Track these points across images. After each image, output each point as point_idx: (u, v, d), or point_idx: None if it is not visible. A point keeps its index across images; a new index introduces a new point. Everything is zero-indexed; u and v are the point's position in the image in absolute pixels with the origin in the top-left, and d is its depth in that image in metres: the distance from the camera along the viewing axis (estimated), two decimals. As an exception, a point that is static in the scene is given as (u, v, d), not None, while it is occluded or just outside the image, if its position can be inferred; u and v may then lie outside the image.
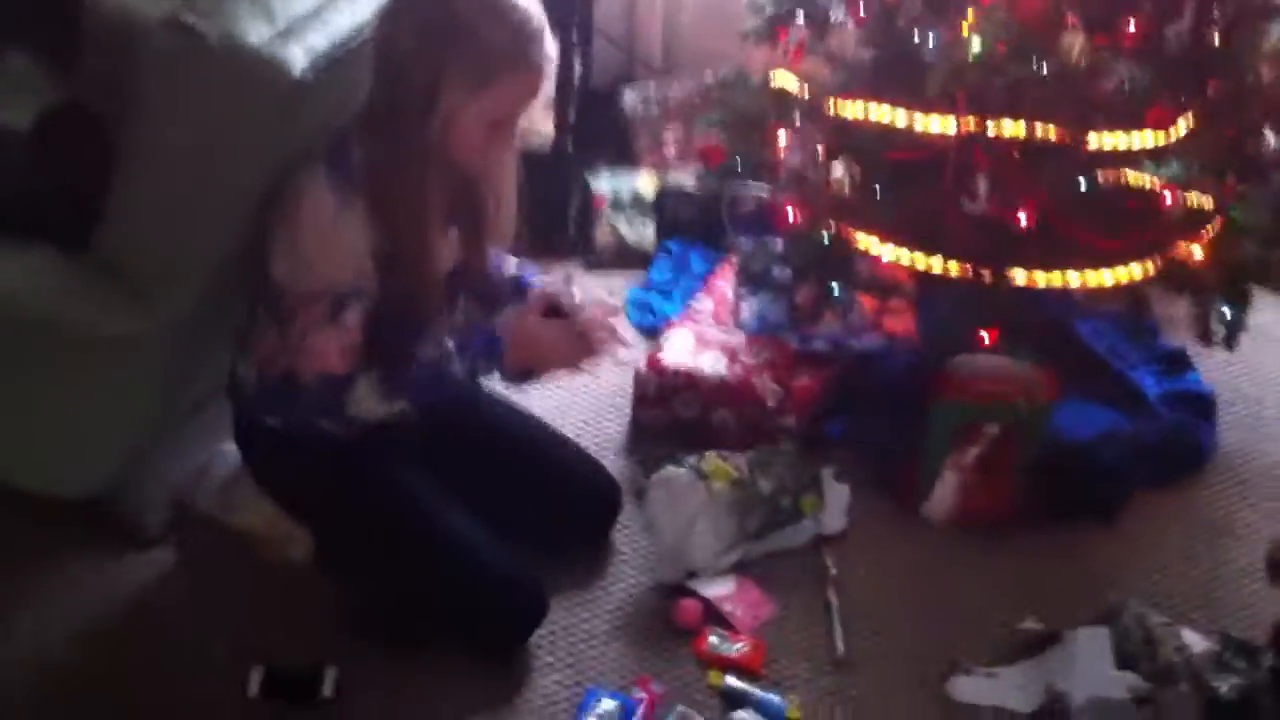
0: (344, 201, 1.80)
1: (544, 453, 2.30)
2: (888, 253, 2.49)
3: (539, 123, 3.00)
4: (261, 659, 2.01)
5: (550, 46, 1.85)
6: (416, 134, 1.80)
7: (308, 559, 2.18)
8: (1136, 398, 2.73)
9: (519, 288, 2.23)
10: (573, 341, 2.11)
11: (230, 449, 2.21)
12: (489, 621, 2.07)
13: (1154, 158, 2.57)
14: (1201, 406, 2.73)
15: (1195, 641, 2.10)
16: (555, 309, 2.17)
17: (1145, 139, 2.36)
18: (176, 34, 1.75)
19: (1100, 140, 2.34)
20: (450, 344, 2.00)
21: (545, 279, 2.24)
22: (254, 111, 1.80)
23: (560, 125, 3.03)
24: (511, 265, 2.25)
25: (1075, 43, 2.23)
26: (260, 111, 1.80)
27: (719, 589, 2.22)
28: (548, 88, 1.95)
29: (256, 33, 1.76)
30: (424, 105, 1.79)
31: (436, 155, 1.84)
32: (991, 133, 2.33)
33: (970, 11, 2.34)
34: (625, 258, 3.10)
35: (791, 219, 2.58)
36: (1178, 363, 2.84)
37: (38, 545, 2.23)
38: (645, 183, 3.19)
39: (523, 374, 2.15)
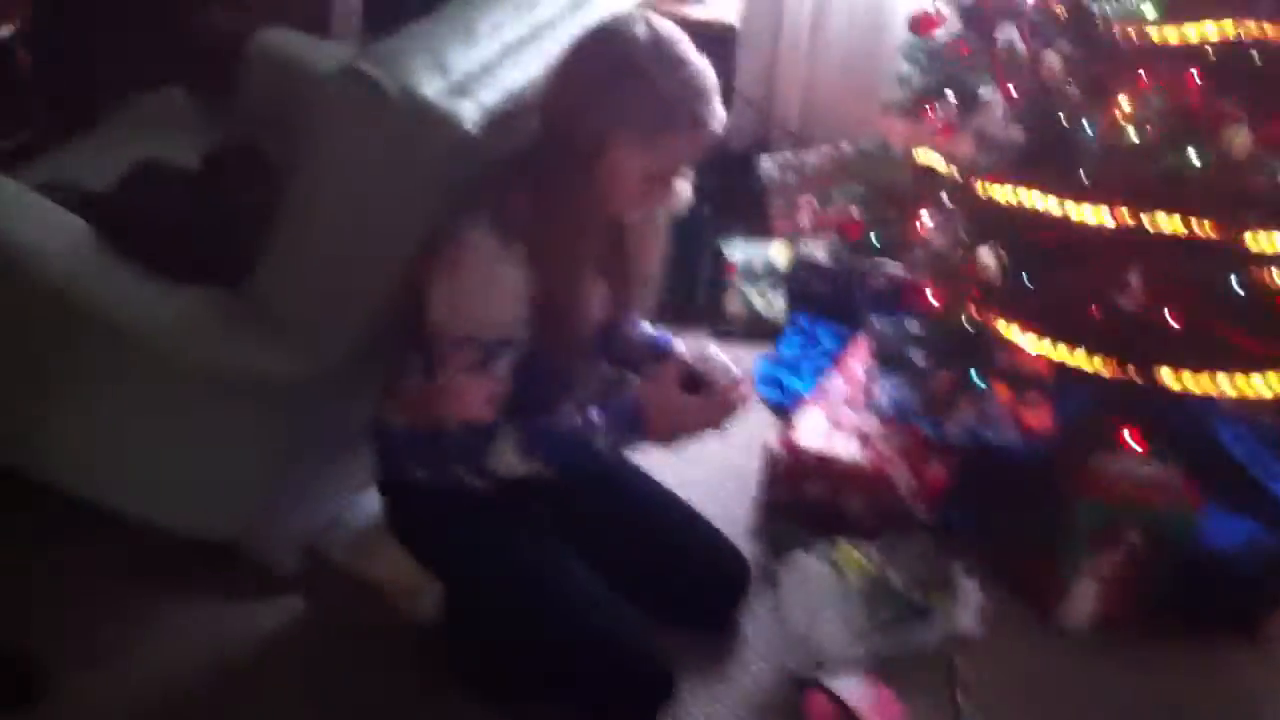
0: (505, 246, 1.80)
1: (676, 525, 2.26)
2: (1029, 343, 2.43)
3: (678, 185, 2.98)
4: (380, 713, 1.99)
5: (720, 107, 1.85)
6: (579, 181, 1.82)
7: (435, 615, 2.16)
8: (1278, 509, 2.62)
9: (658, 351, 2.21)
10: (710, 410, 2.08)
11: (366, 498, 2.21)
12: (616, 693, 2.02)
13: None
14: (1354, 522, 2.61)
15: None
16: (692, 378, 2.13)
17: (1313, 241, 2.27)
18: (355, 83, 1.77)
19: (1257, 240, 2.27)
20: (595, 416, 1.97)
21: (682, 345, 2.21)
22: (424, 163, 1.82)
23: (699, 190, 3.00)
24: (647, 328, 2.23)
25: (1237, 136, 2.17)
26: (430, 163, 1.82)
27: (849, 685, 2.14)
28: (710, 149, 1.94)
29: (431, 86, 1.78)
30: (590, 153, 1.80)
31: (595, 204, 1.86)
32: (1146, 225, 2.27)
33: (1128, 98, 2.28)
34: (755, 329, 3.07)
35: (930, 301, 2.53)
36: (1329, 475, 2.73)
37: (170, 583, 2.25)
38: (778, 253, 3.16)
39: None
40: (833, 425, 2.54)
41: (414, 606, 2.17)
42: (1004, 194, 2.41)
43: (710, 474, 2.63)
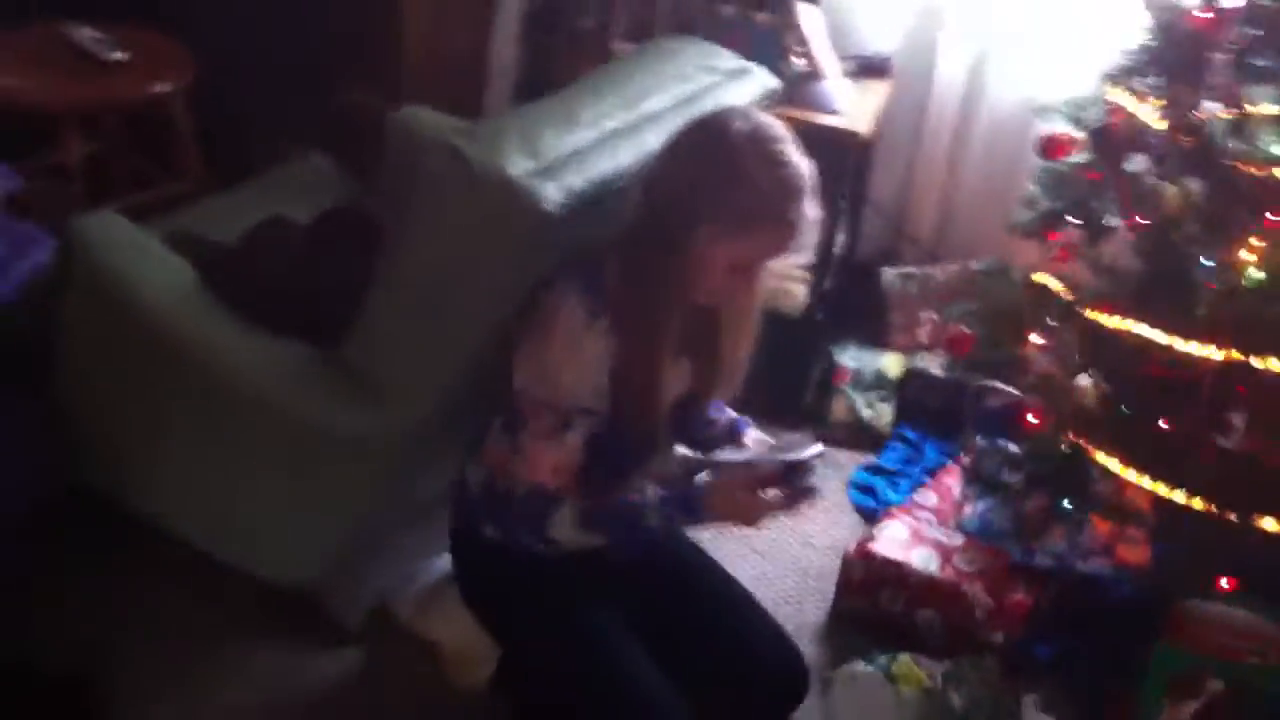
0: (592, 317, 1.85)
1: (741, 620, 2.23)
2: (1128, 476, 2.36)
3: (793, 287, 3.01)
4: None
5: (812, 209, 1.87)
6: (666, 264, 1.85)
7: (489, 682, 2.19)
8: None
9: (734, 433, 2.22)
10: (773, 507, 2.06)
11: (440, 563, 2.26)
12: None
13: None
14: None
15: None
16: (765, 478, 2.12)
17: None
18: (446, 156, 1.88)
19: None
20: (653, 492, 2.00)
21: (756, 433, 2.21)
22: (505, 238, 1.90)
23: (815, 294, 3.02)
24: (728, 412, 2.24)
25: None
26: (511, 239, 1.90)
27: (889, 802, 2.11)
28: (799, 247, 1.96)
29: (518, 166, 1.86)
30: (679, 238, 1.84)
31: (679, 287, 1.89)
32: (1256, 365, 2.20)
33: (1255, 237, 2.23)
34: (859, 437, 3.05)
35: (1031, 423, 2.48)
36: None
37: (239, 623, 2.33)
38: (892, 363, 3.14)
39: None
40: (914, 537, 2.51)
41: (472, 672, 2.20)
42: (1112, 321, 2.37)
43: (790, 573, 2.62)
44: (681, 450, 2.15)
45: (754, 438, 2.18)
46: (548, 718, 2.13)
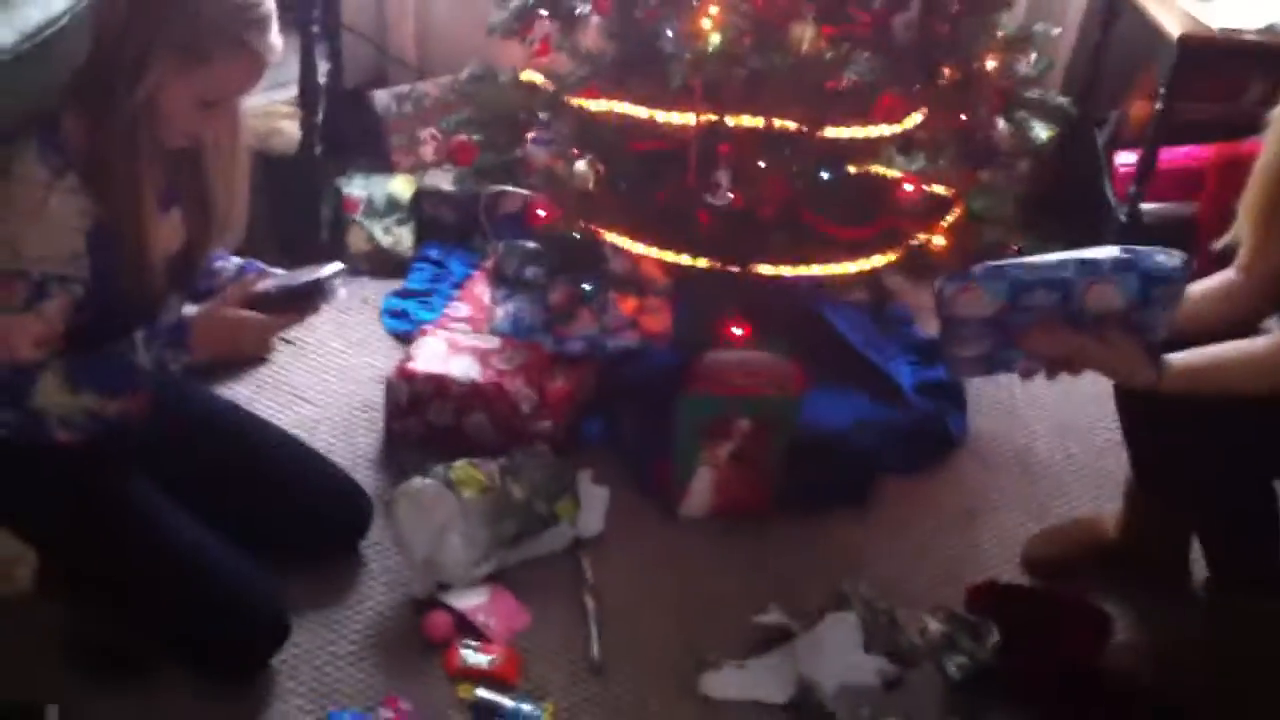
0: (55, 175, 1.74)
1: (288, 464, 2.22)
2: (638, 249, 2.48)
3: (282, 124, 2.90)
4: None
5: (275, 37, 1.83)
6: (124, 104, 1.75)
7: (32, 584, 2.05)
8: (893, 389, 2.77)
9: (242, 277, 2.14)
10: (267, 325, 2.01)
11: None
12: (225, 644, 1.98)
13: (902, 150, 2.63)
14: (952, 395, 2.78)
15: (936, 624, 2.13)
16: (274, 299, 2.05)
17: (880, 130, 2.39)
18: None
19: (838, 131, 2.37)
20: (139, 334, 1.91)
21: (272, 272, 2.14)
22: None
23: (307, 127, 2.92)
24: (233, 259, 2.16)
25: (804, 34, 2.25)
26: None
27: (471, 600, 2.17)
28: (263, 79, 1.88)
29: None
30: (133, 75, 1.74)
31: (145, 128, 1.79)
32: (731, 125, 2.34)
33: (708, 3, 2.33)
34: (382, 264, 3.02)
35: (543, 218, 2.54)
36: (931, 353, 2.90)
37: None
38: (401, 186, 3.11)
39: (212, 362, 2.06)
40: (452, 350, 2.53)
41: (9, 578, 2.05)
42: (598, 105, 2.44)
43: (336, 411, 2.60)
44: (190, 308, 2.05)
45: (269, 276, 2.12)
46: (102, 609, 2.03)
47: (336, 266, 2.02)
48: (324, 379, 2.67)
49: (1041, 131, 2.57)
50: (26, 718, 1.89)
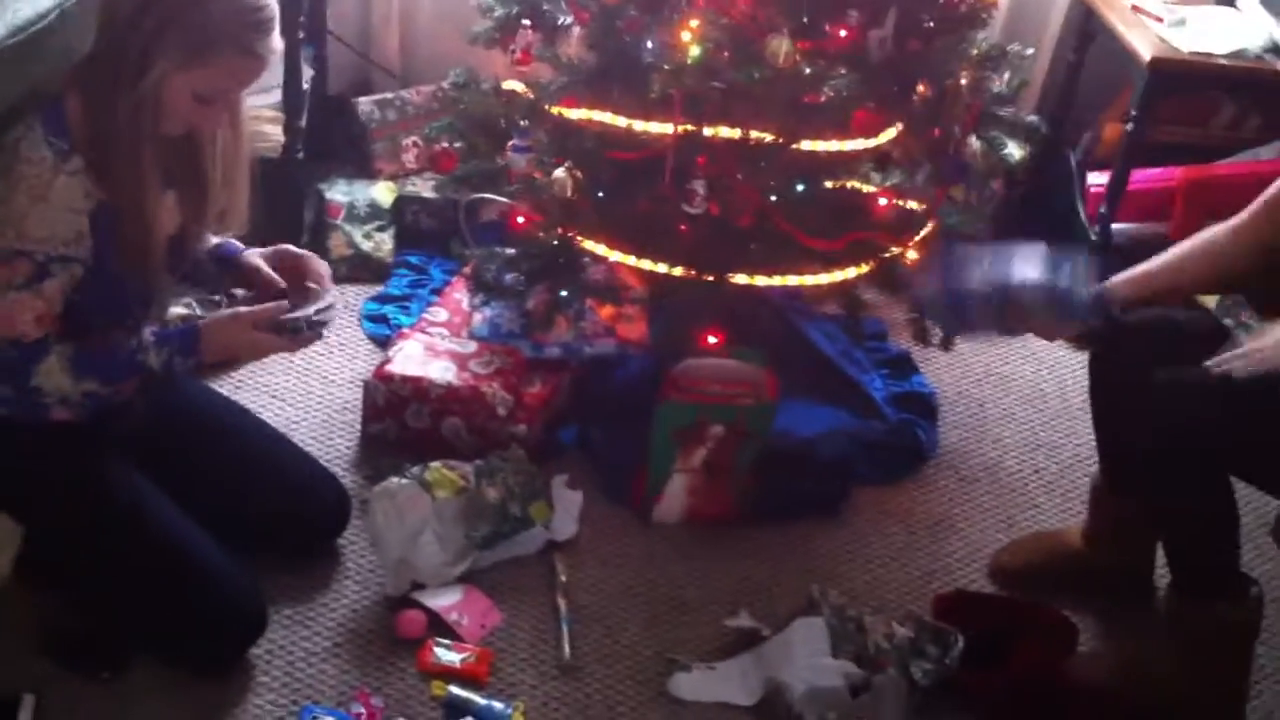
0: (60, 157, 1.78)
1: (271, 461, 2.25)
2: (615, 257, 2.51)
3: (265, 127, 2.92)
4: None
5: (276, 39, 1.87)
6: (128, 94, 1.78)
7: (10, 573, 2.06)
8: (866, 401, 2.80)
9: (225, 256, 2.18)
10: (266, 349, 2.11)
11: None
12: (202, 634, 2.01)
13: (878, 164, 2.67)
14: (924, 407, 2.82)
15: (903, 630, 2.16)
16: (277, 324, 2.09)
17: (855, 144, 2.43)
18: None
19: (814, 145, 2.41)
20: (148, 335, 1.95)
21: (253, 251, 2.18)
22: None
23: (290, 132, 2.95)
24: (213, 239, 2.19)
25: (781, 48, 2.28)
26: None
27: (444, 599, 2.19)
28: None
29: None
30: (138, 68, 1.78)
31: (149, 118, 1.82)
32: (709, 135, 2.37)
33: (688, 16, 2.37)
34: (362, 269, 3.03)
35: (522, 225, 2.57)
36: (903, 366, 2.94)
37: None
38: (383, 192, 3.13)
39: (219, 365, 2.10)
40: (430, 352, 2.56)
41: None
42: (578, 114, 2.47)
43: (315, 413, 2.62)
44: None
45: (252, 254, 2.16)
46: (83, 601, 2.05)
47: (329, 301, 2.07)
48: (302, 381, 2.69)
49: (1015, 150, 2.62)
50: (1, 706, 1.90)
